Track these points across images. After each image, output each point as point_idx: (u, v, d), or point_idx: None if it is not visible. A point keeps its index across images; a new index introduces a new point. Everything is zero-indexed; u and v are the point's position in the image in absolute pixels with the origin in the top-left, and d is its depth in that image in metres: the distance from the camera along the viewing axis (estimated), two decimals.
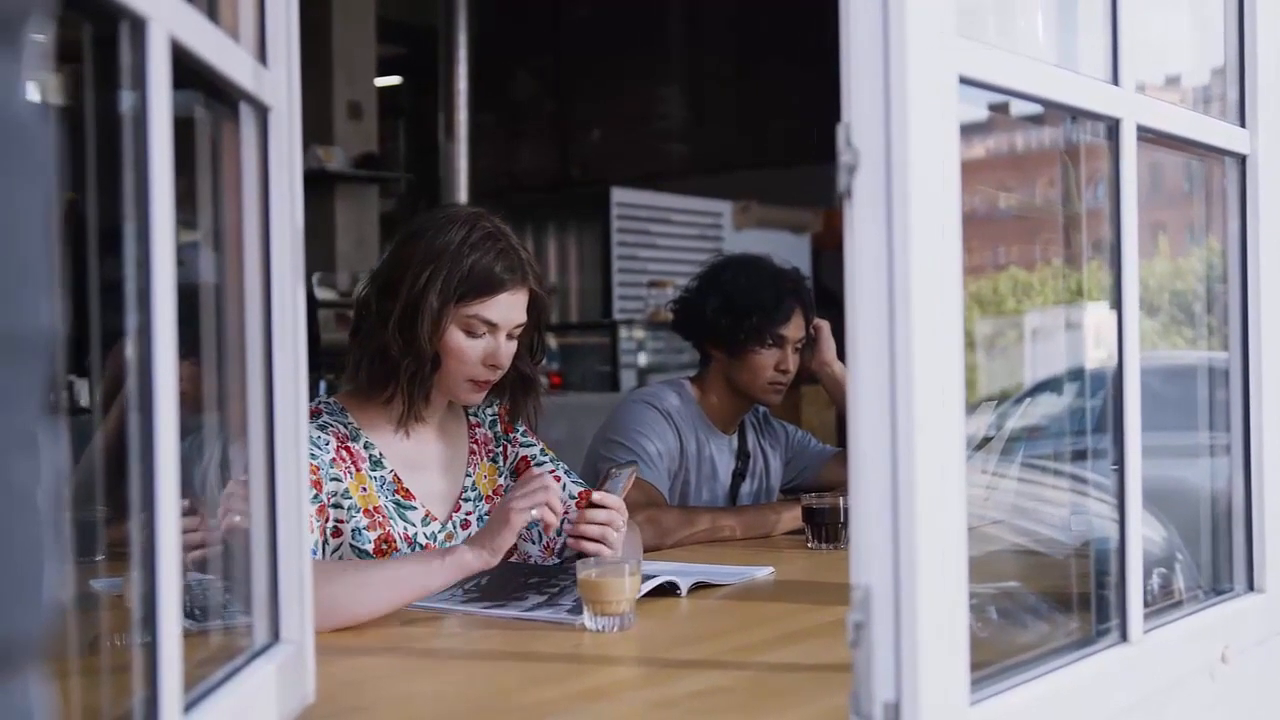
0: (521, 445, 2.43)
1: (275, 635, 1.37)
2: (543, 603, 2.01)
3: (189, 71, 1.12)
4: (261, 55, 1.35)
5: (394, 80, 10.10)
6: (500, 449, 2.41)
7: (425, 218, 2.26)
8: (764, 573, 2.35)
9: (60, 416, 0.64)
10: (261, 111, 1.35)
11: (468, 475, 2.34)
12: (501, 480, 2.38)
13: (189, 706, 1.10)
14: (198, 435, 1.37)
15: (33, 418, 0.58)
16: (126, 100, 1.02)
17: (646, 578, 2.03)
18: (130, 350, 1.01)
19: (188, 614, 1.14)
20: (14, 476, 0.56)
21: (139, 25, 1.00)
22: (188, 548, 1.26)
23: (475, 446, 2.37)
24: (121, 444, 1.04)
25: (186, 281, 1.11)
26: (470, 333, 2.18)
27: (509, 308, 2.21)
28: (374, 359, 2.19)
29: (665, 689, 1.59)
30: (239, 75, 1.26)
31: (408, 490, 2.23)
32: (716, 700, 1.53)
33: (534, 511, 1.98)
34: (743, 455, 3.14)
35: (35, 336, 0.58)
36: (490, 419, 2.42)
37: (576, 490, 2.39)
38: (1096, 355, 1.98)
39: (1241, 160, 1.81)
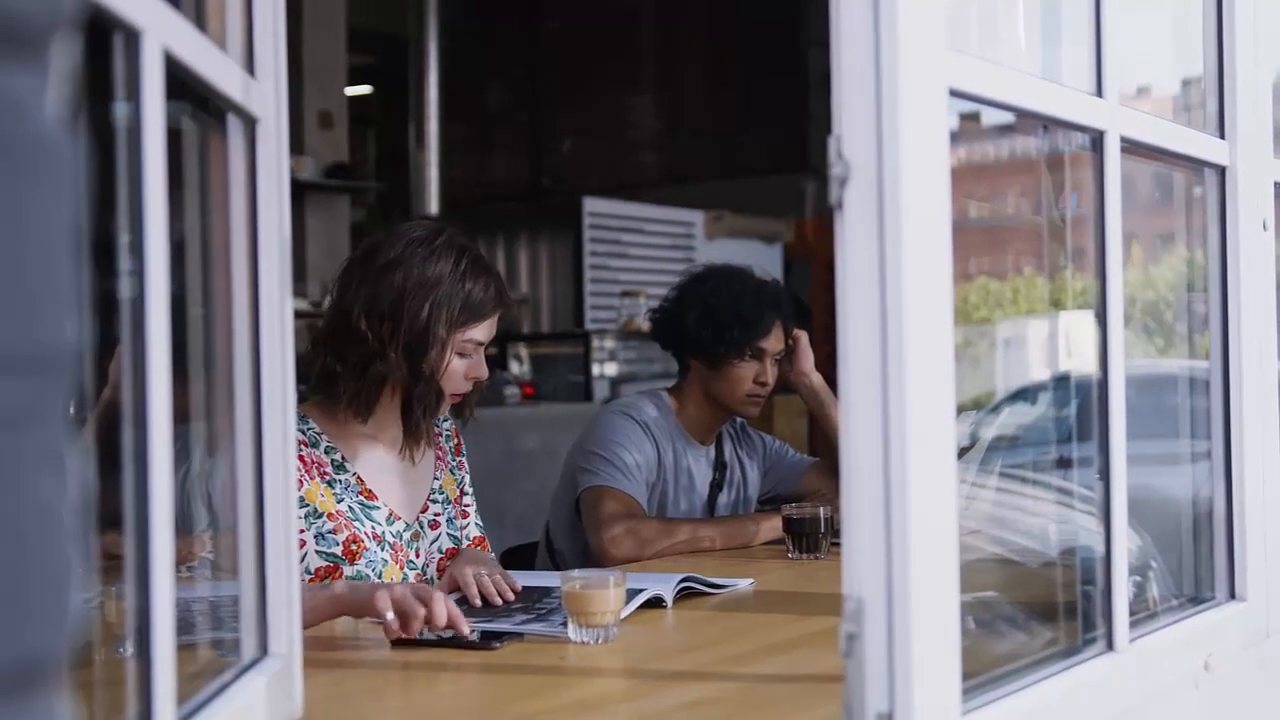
0: (465, 470, 2.53)
1: (264, 649, 1.36)
2: (532, 620, 2.00)
3: (178, 82, 1.11)
4: (250, 66, 1.35)
5: (365, 89, 10.07)
6: (456, 463, 2.51)
7: (399, 243, 2.27)
8: (745, 584, 2.36)
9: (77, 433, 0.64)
10: (250, 123, 1.34)
11: (435, 478, 2.42)
12: (458, 490, 2.48)
13: None
14: (179, 445, 1.37)
15: (59, 434, 0.57)
16: (119, 111, 1.02)
17: (632, 591, 2.03)
18: (124, 361, 1.01)
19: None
20: (42, 493, 0.56)
21: (133, 36, 0.99)
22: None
23: (440, 453, 2.46)
24: (101, 454, 1.04)
25: (171, 292, 1.10)
26: (462, 354, 2.29)
27: (493, 326, 2.33)
28: (374, 385, 2.25)
29: (654, 701, 1.59)
30: (228, 87, 1.25)
31: (371, 491, 2.29)
32: (707, 712, 1.53)
33: (389, 615, 1.82)
34: (720, 466, 3.14)
35: (61, 353, 0.57)
36: (446, 434, 2.51)
37: (475, 534, 2.48)
38: (1070, 364, 1.99)
39: (1221, 171, 1.83)
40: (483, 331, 2.30)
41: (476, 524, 2.51)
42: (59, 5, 0.59)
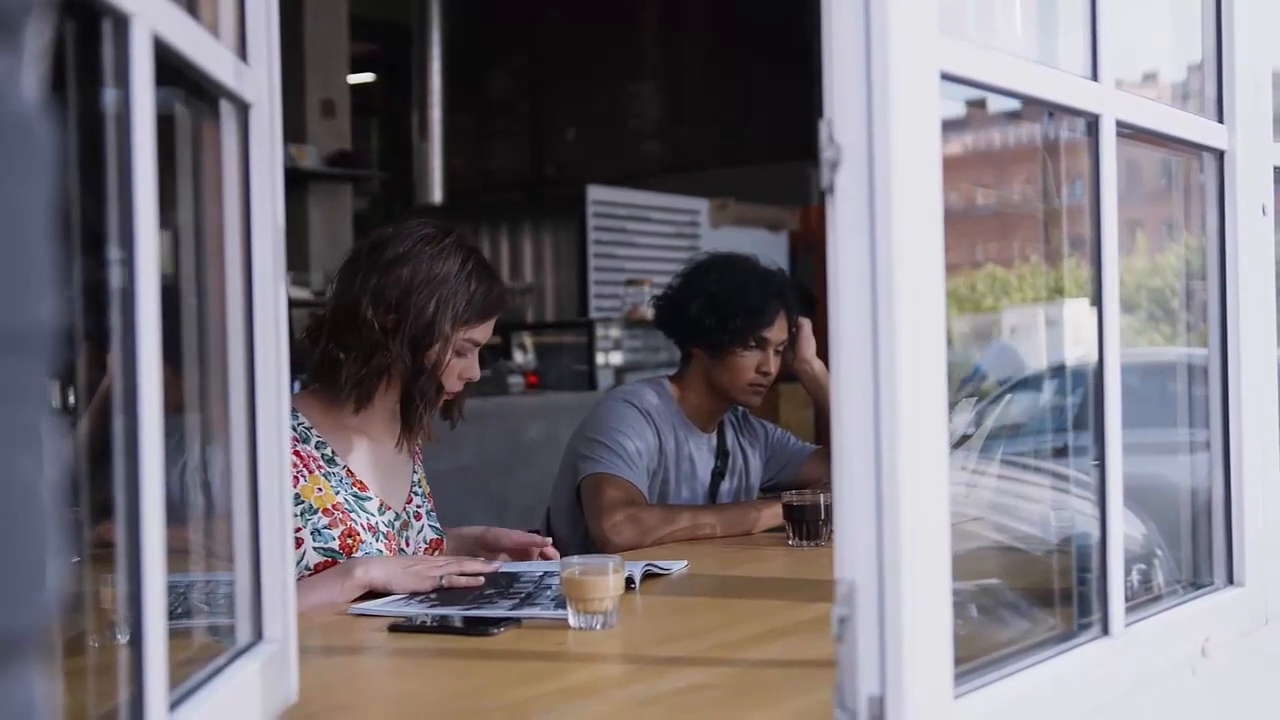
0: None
1: (258, 634, 1.37)
2: (521, 602, 2.00)
3: (169, 68, 1.11)
4: (242, 52, 1.34)
5: (367, 77, 10.07)
6: (422, 460, 2.55)
7: (406, 239, 2.31)
8: (680, 565, 2.38)
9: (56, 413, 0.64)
10: (243, 109, 1.34)
11: (415, 472, 2.47)
12: (428, 486, 2.53)
13: (173, 705, 1.09)
14: (176, 437, 1.37)
15: (36, 412, 0.58)
16: (108, 97, 1.02)
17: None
18: (114, 350, 1.01)
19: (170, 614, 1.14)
20: (19, 470, 0.56)
21: (122, 22, 0.99)
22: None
23: (417, 450, 2.50)
24: (99, 444, 1.04)
25: (164, 282, 1.10)
26: (459, 353, 2.32)
27: (490, 329, 2.38)
28: (375, 375, 2.28)
29: (650, 686, 1.60)
30: (220, 72, 1.25)
31: (362, 482, 2.33)
32: (701, 696, 1.53)
33: (443, 581, 2.13)
34: (722, 454, 3.15)
35: (39, 332, 0.58)
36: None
37: (431, 536, 2.47)
38: (1075, 352, 1.99)
39: (1219, 155, 1.82)
40: (482, 332, 2.34)
41: (433, 526, 2.51)
42: None
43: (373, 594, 2.10)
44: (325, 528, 2.23)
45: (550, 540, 2.49)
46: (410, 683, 1.66)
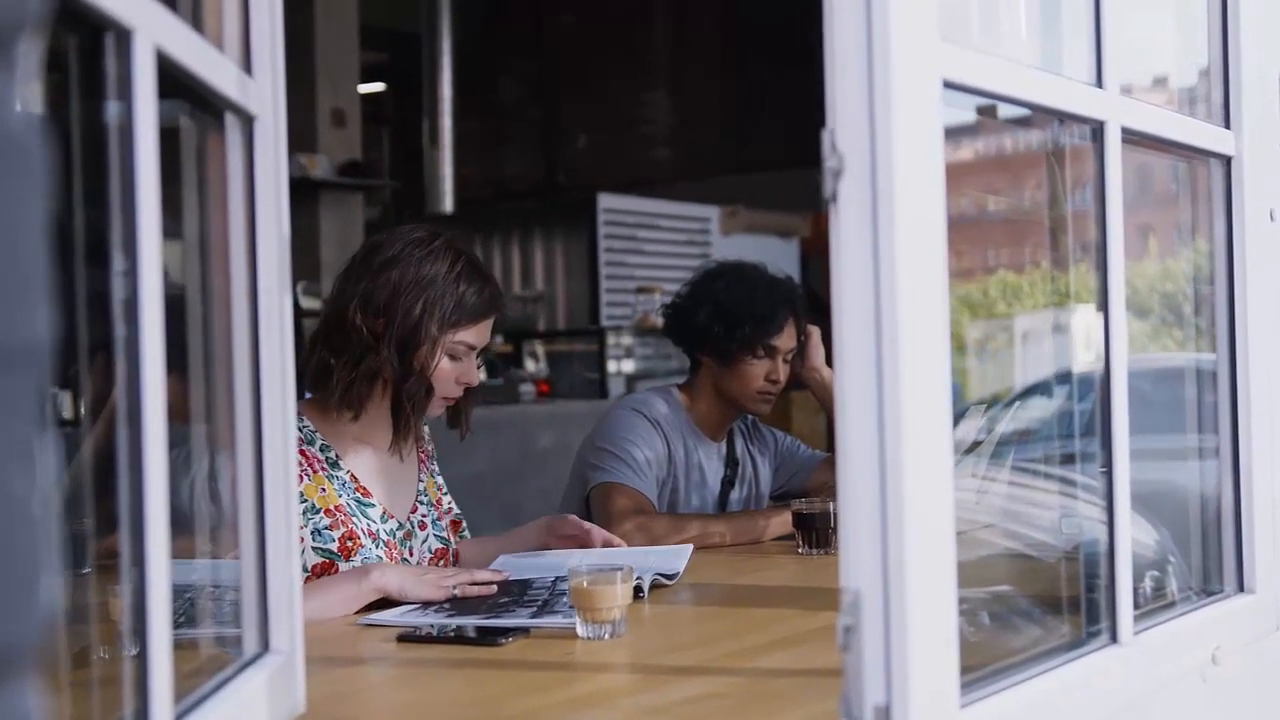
0: (438, 474, 2.56)
1: (265, 645, 1.37)
2: (539, 610, 2.00)
3: (173, 81, 1.12)
4: (246, 65, 1.35)
5: (378, 87, 10.08)
6: (434, 466, 2.55)
7: (397, 243, 2.33)
8: (685, 551, 2.41)
9: (52, 428, 0.64)
10: (247, 121, 1.35)
11: (420, 481, 2.47)
12: (438, 492, 2.52)
13: (179, 717, 1.09)
14: (184, 447, 1.37)
15: (30, 428, 0.58)
16: (112, 110, 1.02)
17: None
18: (118, 362, 1.01)
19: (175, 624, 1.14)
20: (12, 486, 0.56)
21: (124, 36, 0.99)
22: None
23: (423, 457, 2.50)
24: (108, 456, 1.04)
25: (171, 292, 1.11)
26: (453, 356, 2.32)
27: (487, 331, 2.37)
28: (366, 380, 2.28)
29: (657, 695, 1.59)
30: (224, 85, 1.25)
31: (365, 489, 2.33)
32: (708, 706, 1.53)
33: (456, 590, 2.14)
34: (731, 462, 3.14)
35: (33, 347, 0.58)
36: (426, 438, 2.56)
37: (436, 546, 2.46)
38: (1086, 358, 1.98)
39: (1226, 161, 1.82)
40: (474, 335, 2.33)
41: (438, 535, 2.51)
42: (26, 4, 0.59)
43: (383, 601, 2.10)
44: (326, 528, 2.24)
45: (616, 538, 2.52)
46: (418, 693, 1.66)
